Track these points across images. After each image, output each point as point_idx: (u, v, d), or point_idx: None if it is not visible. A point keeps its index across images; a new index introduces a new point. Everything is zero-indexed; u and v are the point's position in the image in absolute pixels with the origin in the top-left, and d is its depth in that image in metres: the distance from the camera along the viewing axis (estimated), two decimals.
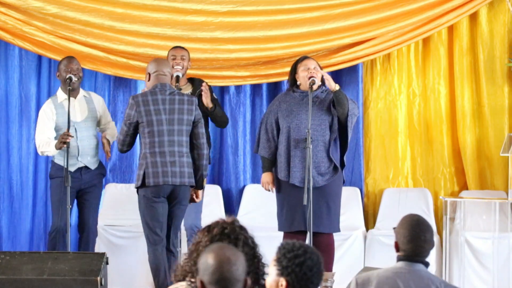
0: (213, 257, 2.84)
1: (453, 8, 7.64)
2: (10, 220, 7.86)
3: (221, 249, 2.87)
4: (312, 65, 6.43)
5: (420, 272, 3.77)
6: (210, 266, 2.83)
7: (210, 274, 2.82)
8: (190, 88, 6.85)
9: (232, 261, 2.83)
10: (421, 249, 3.78)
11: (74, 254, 5.74)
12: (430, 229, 3.80)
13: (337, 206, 6.44)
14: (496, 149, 7.69)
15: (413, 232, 3.77)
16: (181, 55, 6.80)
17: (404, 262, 3.79)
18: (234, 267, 2.82)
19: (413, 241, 3.76)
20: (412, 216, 3.84)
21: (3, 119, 7.86)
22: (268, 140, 6.50)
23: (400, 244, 3.80)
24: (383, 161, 7.97)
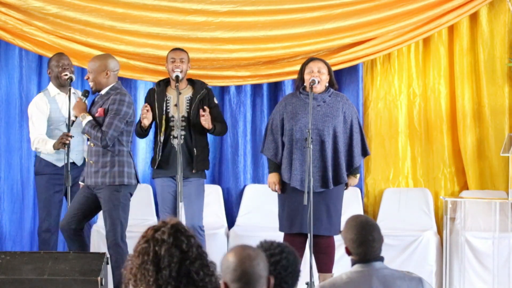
0: (233, 255, 2.88)
1: (453, 8, 7.64)
2: (11, 220, 7.86)
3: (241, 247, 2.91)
4: (316, 67, 6.42)
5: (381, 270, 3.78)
6: (231, 264, 2.86)
7: (231, 272, 2.85)
8: (190, 91, 6.81)
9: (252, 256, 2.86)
10: (371, 249, 3.78)
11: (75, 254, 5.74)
12: (376, 228, 3.81)
13: (338, 209, 6.43)
14: (496, 149, 7.69)
15: (360, 236, 3.77)
16: (180, 58, 6.76)
17: (359, 264, 3.79)
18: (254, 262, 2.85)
19: (363, 244, 3.77)
20: (355, 218, 3.84)
21: (3, 119, 7.86)
22: (273, 141, 6.49)
23: (351, 248, 3.80)
24: (383, 161, 7.97)
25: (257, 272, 2.84)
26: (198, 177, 6.80)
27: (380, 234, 3.82)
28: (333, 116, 6.39)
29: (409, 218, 7.73)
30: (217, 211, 7.82)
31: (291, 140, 6.39)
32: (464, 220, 7.44)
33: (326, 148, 6.34)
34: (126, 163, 6.27)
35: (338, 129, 6.38)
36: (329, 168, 6.34)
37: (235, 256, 2.87)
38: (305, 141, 6.22)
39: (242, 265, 2.84)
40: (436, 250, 7.44)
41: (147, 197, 7.84)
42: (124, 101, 6.24)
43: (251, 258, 2.85)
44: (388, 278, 3.76)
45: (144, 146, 7.98)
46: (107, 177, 6.22)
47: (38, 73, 7.92)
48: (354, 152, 6.41)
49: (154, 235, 3.16)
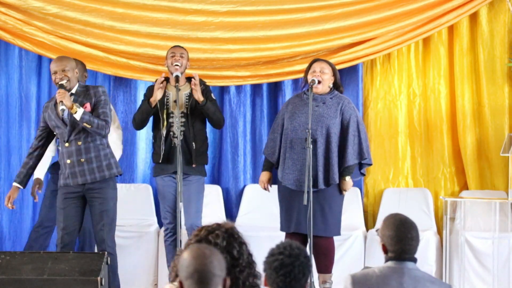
0: (188, 253, 2.86)
1: (453, 8, 7.64)
2: (11, 220, 7.86)
3: (197, 246, 2.89)
4: (318, 67, 6.41)
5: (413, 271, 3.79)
6: (185, 261, 2.85)
7: (185, 269, 2.83)
8: (188, 88, 6.85)
9: (206, 255, 2.84)
10: (409, 247, 3.79)
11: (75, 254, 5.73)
12: (414, 226, 3.82)
13: (334, 210, 6.39)
14: (496, 149, 7.69)
15: (399, 232, 3.78)
16: (180, 53, 6.79)
17: (392, 261, 3.80)
18: (207, 260, 2.82)
19: (401, 241, 3.77)
20: (394, 216, 3.85)
21: (3, 119, 7.86)
22: (272, 140, 6.51)
23: (388, 246, 3.81)
24: (383, 161, 7.97)
25: (210, 270, 2.82)
26: (199, 175, 6.80)
27: (418, 234, 3.82)
28: (328, 117, 6.36)
29: None
30: (217, 211, 7.82)
31: (286, 139, 6.40)
32: (464, 220, 7.44)
33: (317, 148, 6.33)
34: (110, 154, 6.25)
35: (332, 130, 6.34)
36: (320, 168, 6.32)
37: (189, 254, 2.85)
38: (305, 141, 6.22)
39: (195, 263, 2.83)
40: (436, 250, 7.44)
41: (147, 197, 7.84)
42: (106, 92, 6.24)
43: (204, 256, 2.83)
44: (419, 279, 3.77)
45: (144, 146, 7.98)
46: (106, 170, 6.18)
47: (38, 73, 7.92)
48: (346, 152, 6.35)
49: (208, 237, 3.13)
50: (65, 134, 6.17)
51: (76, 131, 6.16)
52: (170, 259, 6.85)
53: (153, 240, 7.56)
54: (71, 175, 6.19)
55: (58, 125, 6.19)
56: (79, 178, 6.17)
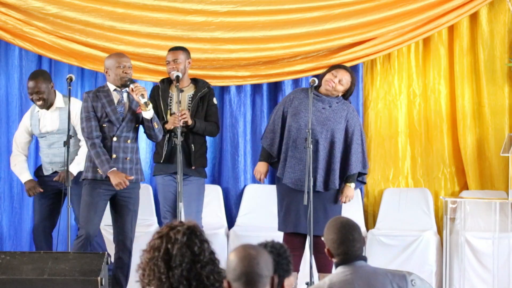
0: (234, 254, 2.91)
1: (453, 8, 7.64)
2: (11, 220, 7.86)
3: (243, 247, 2.93)
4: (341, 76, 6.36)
5: (363, 268, 3.78)
6: (232, 263, 2.89)
7: (232, 271, 2.88)
8: (192, 90, 6.83)
9: (252, 256, 2.88)
10: (352, 249, 3.79)
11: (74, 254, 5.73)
12: (356, 228, 3.83)
13: (337, 210, 6.42)
14: (496, 149, 7.69)
15: (340, 234, 3.79)
16: (174, 59, 6.74)
17: (342, 266, 3.80)
18: (254, 262, 2.87)
19: (343, 244, 3.78)
20: (336, 219, 3.87)
21: (3, 119, 7.86)
22: (272, 131, 6.49)
23: (332, 249, 3.82)
24: (383, 161, 7.97)
25: (256, 271, 2.85)
26: (199, 176, 6.81)
27: (361, 235, 3.83)
28: (334, 122, 6.38)
29: (409, 218, 7.73)
30: (217, 211, 7.82)
31: (289, 137, 6.39)
32: (464, 220, 7.44)
33: (320, 150, 6.33)
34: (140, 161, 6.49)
35: (336, 135, 6.36)
36: (320, 172, 6.33)
37: (236, 256, 2.89)
38: (305, 141, 6.22)
39: (242, 264, 2.86)
40: (436, 250, 7.44)
41: (147, 197, 7.84)
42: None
43: (251, 257, 2.87)
44: (370, 275, 3.77)
45: (144, 146, 7.97)
46: (140, 174, 6.41)
47: None
48: (351, 160, 6.37)
49: (169, 233, 3.17)
50: (115, 129, 6.22)
51: (128, 128, 6.25)
52: None
53: None
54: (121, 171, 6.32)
55: (112, 119, 6.23)
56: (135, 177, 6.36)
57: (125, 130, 6.27)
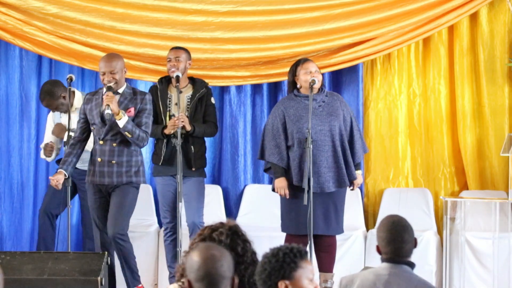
0: (197, 255, 2.86)
1: (453, 8, 7.64)
2: (11, 220, 7.87)
3: (206, 247, 2.89)
4: (313, 68, 6.43)
5: (401, 273, 3.78)
6: (195, 263, 2.85)
7: (195, 271, 2.84)
8: (191, 90, 6.84)
9: (216, 257, 2.84)
10: (400, 250, 3.79)
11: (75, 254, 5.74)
12: (408, 229, 3.82)
13: (343, 208, 6.48)
14: (496, 149, 7.69)
15: (390, 234, 3.79)
16: (176, 57, 6.77)
17: (387, 263, 3.81)
18: (218, 264, 2.83)
19: (392, 243, 3.79)
20: (389, 217, 3.87)
21: (3, 119, 7.86)
22: (276, 146, 6.43)
23: (381, 247, 3.84)
24: (383, 161, 7.97)
25: (220, 273, 2.83)
26: (198, 176, 6.81)
27: (412, 237, 3.83)
28: (336, 115, 6.41)
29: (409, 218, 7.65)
30: (217, 211, 7.82)
31: (300, 142, 6.35)
32: (464, 220, 7.44)
33: (336, 147, 6.35)
34: (141, 162, 6.40)
35: (339, 130, 6.39)
36: (342, 167, 6.35)
37: (199, 256, 2.86)
38: (305, 141, 6.21)
39: (205, 266, 2.84)
40: (436, 250, 7.44)
41: (147, 197, 7.84)
42: (146, 99, 6.35)
43: (214, 259, 2.84)
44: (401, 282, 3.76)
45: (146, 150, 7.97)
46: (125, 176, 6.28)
47: (38, 73, 7.92)
48: (355, 148, 6.43)
49: (212, 235, 3.14)
50: (101, 132, 6.20)
51: (114, 131, 6.23)
52: (170, 259, 6.85)
53: (153, 240, 7.57)
54: (99, 173, 6.28)
55: (96, 122, 6.24)
56: (106, 179, 6.26)
57: (111, 134, 6.23)
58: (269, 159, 6.46)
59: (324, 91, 6.49)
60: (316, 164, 6.27)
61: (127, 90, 6.32)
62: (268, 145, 6.47)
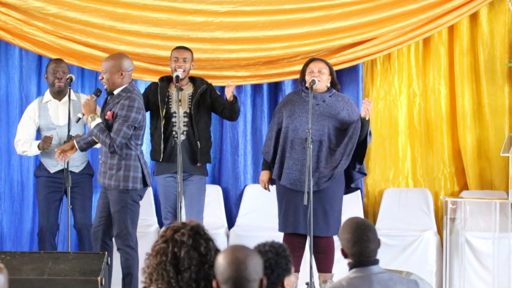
0: (223, 257, 2.89)
1: (454, 8, 7.64)
2: (11, 220, 7.86)
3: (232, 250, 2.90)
4: (316, 68, 6.43)
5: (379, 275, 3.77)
6: (220, 266, 2.88)
7: (220, 274, 2.87)
8: (191, 88, 6.87)
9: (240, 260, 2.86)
10: (366, 250, 3.78)
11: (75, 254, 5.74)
12: (371, 229, 3.81)
13: (335, 209, 6.41)
14: (496, 149, 7.69)
15: (355, 234, 3.77)
16: (183, 58, 6.81)
17: (356, 268, 3.78)
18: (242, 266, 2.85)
19: (357, 244, 3.76)
20: (352, 219, 3.85)
21: (3, 119, 7.86)
22: (269, 139, 6.52)
23: (346, 249, 3.80)
24: (383, 161, 7.96)
25: (244, 276, 2.84)
26: (200, 175, 6.82)
27: (376, 236, 3.82)
28: (330, 115, 6.38)
29: (409, 218, 7.73)
30: (217, 211, 7.82)
31: (286, 138, 6.40)
32: (464, 220, 7.44)
33: (322, 146, 6.34)
34: (133, 167, 6.24)
35: (334, 129, 6.37)
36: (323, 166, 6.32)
37: (224, 259, 2.88)
38: (305, 141, 6.22)
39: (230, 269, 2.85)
40: (436, 250, 7.44)
41: (147, 197, 7.81)
42: (133, 107, 6.18)
43: (239, 261, 2.86)
44: (388, 282, 3.75)
45: (145, 147, 7.95)
46: (113, 180, 6.23)
47: (38, 73, 7.92)
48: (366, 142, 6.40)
49: (174, 236, 3.14)
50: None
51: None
52: None
53: (153, 240, 7.51)
54: (99, 172, 6.37)
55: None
56: (101, 178, 6.32)
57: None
58: (262, 150, 6.61)
59: (331, 91, 6.48)
60: (299, 162, 6.28)
61: (122, 93, 6.25)
62: (266, 136, 6.59)
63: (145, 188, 6.38)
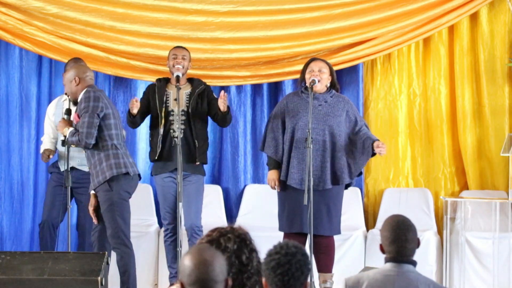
0: (189, 259, 2.85)
1: (454, 8, 7.64)
2: (11, 220, 7.86)
3: (198, 250, 2.87)
4: (316, 67, 6.43)
5: (408, 273, 3.79)
6: (187, 268, 2.84)
7: (187, 276, 2.83)
8: (189, 88, 6.87)
9: (208, 262, 2.83)
10: (404, 249, 3.80)
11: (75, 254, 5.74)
12: (411, 229, 3.82)
13: (338, 208, 6.43)
14: (496, 149, 7.69)
15: (394, 233, 3.79)
16: (182, 55, 6.82)
17: (391, 263, 3.82)
18: (210, 268, 2.83)
19: (395, 242, 3.79)
20: (393, 217, 3.87)
21: (3, 119, 7.86)
22: (273, 139, 6.48)
23: (384, 246, 3.84)
24: (383, 161, 7.96)
25: (211, 278, 2.82)
26: (199, 174, 6.81)
27: (415, 236, 3.83)
28: (334, 116, 6.39)
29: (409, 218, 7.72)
30: (217, 211, 7.82)
31: (291, 138, 6.40)
32: (464, 220, 7.44)
33: (326, 147, 6.35)
34: (112, 155, 6.21)
35: (338, 129, 6.38)
36: (328, 167, 6.34)
37: (190, 261, 2.84)
38: (305, 141, 6.22)
39: (197, 271, 2.83)
40: (436, 250, 7.44)
41: (147, 197, 7.84)
42: (89, 97, 6.19)
43: (206, 264, 2.83)
44: (412, 281, 3.77)
45: (144, 146, 7.97)
46: (100, 176, 6.21)
47: (38, 73, 7.92)
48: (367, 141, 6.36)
49: (219, 239, 3.13)
50: None
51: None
52: (170, 259, 6.86)
53: (153, 240, 7.56)
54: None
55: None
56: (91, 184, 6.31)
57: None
58: (266, 151, 6.54)
59: (331, 91, 6.48)
60: (304, 162, 6.28)
61: (82, 96, 6.28)
62: (267, 138, 6.52)
63: (132, 183, 6.28)
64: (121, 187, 6.22)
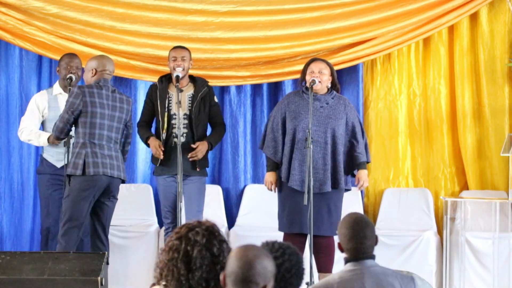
0: (236, 252, 2.86)
1: (454, 8, 7.64)
2: (11, 220, 7.86)
3: (247, 247, 2.88)
4: (317, 68, 6.41)
5: (372, 268, 3.79)
6: (230, 259, 2.86)
7: (230, 274, 2.84)
8: (192, 89, 6.83)
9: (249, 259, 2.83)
10: (362, 246, 3.80)
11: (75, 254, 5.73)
12: (369, 226, 3.84)
13: (338, 209, 6.43)
14: (496, 149, 7.69)
15: (352, 230, 3.79)
16: (182, 56, 6.78)
17: (351, 263, 3.80)
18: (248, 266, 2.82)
19: (353, 239, 3.79)
20: (351, 214, 3.88)
21: (3, 119, 7.86)
22: (273, 139, 6.47)
23: (343, 243, 3.83)
24: (383, 161, 7.97)
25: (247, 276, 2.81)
26: (200, 175, 6.80)
27: (373, 233, 3.84)
28: (335, 118, 6.38)
29: (409, 218, 7.73)
30: (217, 211, 7.82)
31: (293, 139, 6.38)
32: (464, 220, 7.44)
33: (328, 149, 6.34)
34: (76, 154, 6.28)
35: (339, 132, 6.37)
36: (329, 170, 6.34)
37: (235, 254, 2.85)
38: (305, 141, 6.22)
39: (235, 264, 2.82)
40: (436, 250, 7.44)
41: (147, 197, 7.84)
42: (72, 92, 6.33)
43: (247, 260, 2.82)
44: (379, 275, 3.77)
45: (144, 146, 7.96)
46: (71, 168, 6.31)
47: (38, 73, 7.92)
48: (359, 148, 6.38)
49: (188, 234, 3.14)
50: None
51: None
52: None
53: (153, 240, 7.56)
54: None
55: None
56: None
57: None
58: (265, 151, 6.53)
59: (332, 92, 6.48)
60: (305, 163, 6.27)
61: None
62: (267, 138, 6.52)
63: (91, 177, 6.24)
64: (75, 186, 6.26)
